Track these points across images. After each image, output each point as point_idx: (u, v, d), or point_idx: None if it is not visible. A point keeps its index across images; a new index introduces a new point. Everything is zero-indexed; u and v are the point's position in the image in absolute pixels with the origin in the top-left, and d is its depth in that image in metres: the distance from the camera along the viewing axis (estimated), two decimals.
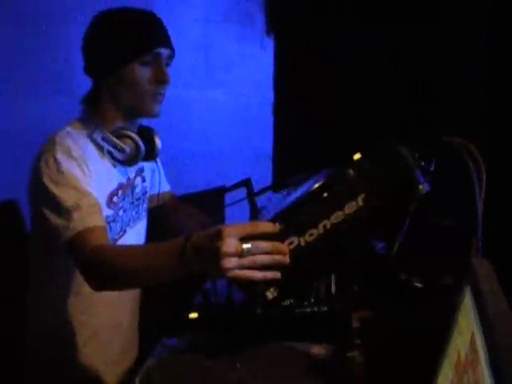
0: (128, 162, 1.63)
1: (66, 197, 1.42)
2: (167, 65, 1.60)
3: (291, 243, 1.19)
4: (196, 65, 3.17)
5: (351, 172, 1.21)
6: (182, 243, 1.15)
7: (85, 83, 1.65)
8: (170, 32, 1.62)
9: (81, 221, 1.40)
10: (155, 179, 1.89)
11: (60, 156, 1.47)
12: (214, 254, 1.08)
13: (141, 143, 1.60)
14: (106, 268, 1.32)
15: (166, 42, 1.60)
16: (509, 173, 2.32)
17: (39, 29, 2.59)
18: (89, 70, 1.62)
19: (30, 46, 2.57)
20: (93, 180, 1.51)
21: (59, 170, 1.45)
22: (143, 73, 1.56)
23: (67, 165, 1.46)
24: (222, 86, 3.40)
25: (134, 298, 1.83)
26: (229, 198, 2.76)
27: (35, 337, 1.70)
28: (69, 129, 1.57)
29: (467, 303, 0.84)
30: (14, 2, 2.50)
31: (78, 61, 1.63)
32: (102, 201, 1.56)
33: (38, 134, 1.56)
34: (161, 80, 1.57)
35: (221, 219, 2.50)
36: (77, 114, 1.65)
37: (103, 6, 1.59)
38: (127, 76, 1.55)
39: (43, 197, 1.46)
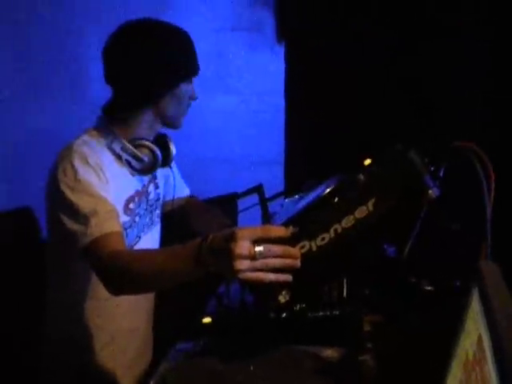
0: (145, 170, 1.66)
1: (83, 203, 1.45)
2: None
3: (303, 247, 1.21)
4: (207, 73, 3.19)
5: (361, 177, 1.23)
6: (199, 244, 1.18)
7: (100, 92, 1.67)
8: None
9: (98, 227, 1.42)
10: (169, 185, 1.91)
11: (77, 163, 1.49)
12: (227, 255, 1.10)
13: (158, 152, 1.64)
14: (123, 272, 1.34)
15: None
16: None
17: (58, 40, 2.63)
18: (133, 86, 1.60)
19: (50, 57, 2.61)
20: (110, 187, 1.53)
21: (76, 177, 1.47)
22: (188, 90, 1.65)
23: (84, 172, 1.49)
24: (234, 93, 3.42)
25: (150, 302, 1.85)
26: (241, 204, 2.79)
27: (52, 343, 1.72)
28: (86, 137, 1.60)
29: (475, 305, 0.85)
30: (33, 14, 2.54)
31: (95, 71, 1.65)
32: (119, 207, 1.58)
33: (54, 142, 1.58)
34: (195, 97, 1.69)
35: (233, 226, 2.51)
36: (91, 121, 1.67)
37: (118, 18, 1.61)
38: (180, 93, 1.63)
39: (60, 203, 1.48)
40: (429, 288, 1.45)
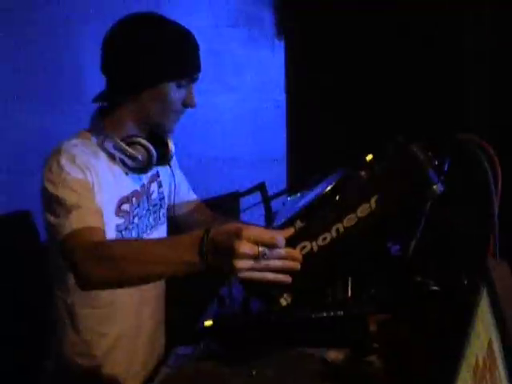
0: (140, 169, 1.62)
1: (66, 197, 1.42)
2: None
3: (304, 248, 1.18)
4: (207, 70, 3.16)
5: (363, 174, 1.20)
6: (201, 235, 1.14)
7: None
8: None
9: (79, 219, 1.38)
10: (172, 184, 1.87)
11: (64, 162, 1.47)
12: (230, 251, 1.08)
13: (152, 149, 1.59)
14: (107, 257, 1.27)
15: (200, 66, 1.62)
16: None
17: (57, 40, 2.61)
18: (121, 77, 1.57)
19: (49, 57, 2.59)
20: (99, 188, 1.50)
21: (61, 174, 1.45)
22: (178, 94, 1.57)
23: (70, 170, 1.46)
24: (233, 90, 3.40)
25: (157, 305, 1.81)
26: (244, 202, 2.76)
27: (55, 348, 1.69)
28: (75, 140, 1.56)
29: (483, 305, 0.82)
30: (33, 14, 2.52)
31: (95, 71, 1.61)
32: (111, 209, 1.56)
33: (54, 143, 1.56)
34: (192, 105, 1.61)
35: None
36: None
37: (118, 16, 1.57)
38: (166, 93, 1.55)
39: (44, 200, 1.47)
40: (435, 287, 1.41)
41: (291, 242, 1.16)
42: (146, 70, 1.53)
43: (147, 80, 1.54)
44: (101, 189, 1.51)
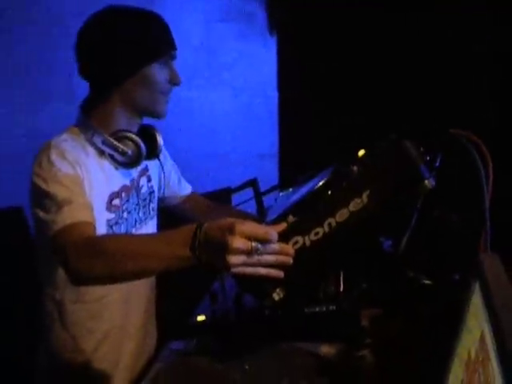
0: (130, 163, 1.61)
1: (57, 192, 1.40)
2: None
3: (296, 243, 1.18)
4: (198, 65, 3.17)
5: (355, 169, 1.20)
6: (194, 230, 1.14)
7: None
8: (172, 33, 1.63)
9: (70, 214, 1.37)
10: (161, 177, 1.87)
11: (54, 157, 1.46)
12: (223, 247, 1.08)
13: (142, 144, 1.59)
14: (99, 252, 1.26)
15: (175, 44, 1.61)
16: None
17: (51, 41, 2.60)
18: (101, 72, 1.56)
19: (43, 57, 2.57)
20: (89, 183, 1.49)
21: (52, 170, 1.43)
22: (162, 73, 1.57)
23: (61, 165, 1.45)
24: (226, 85, 3.39)
25: (147, 299, 1.80)
26: (236, 198, 2.76)
27: (45, 343, 1.68)
28: (65, 135, 1.56)
29: (476, 299, 0.82)
30: (26, 15, 2.50)
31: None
32: (102, 204, 1.55)
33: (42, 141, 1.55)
34: (177, 82, 1.60)
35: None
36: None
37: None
38: (148, 76, 1.55)
39: (34, 196, 1.45)
40: (427, 282, 1.42)
41: (284, 237, 1.15)
42: (123, 59, 1.53)
43: (127, 68, 1.54)
44: (91, 184, 1.51)
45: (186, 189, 2.00)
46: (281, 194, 1.70)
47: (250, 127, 3.45)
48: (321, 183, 1.22)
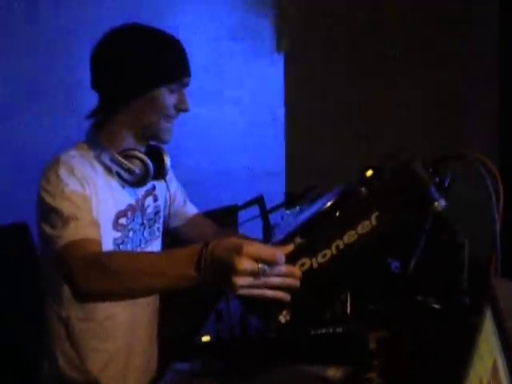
0: (137, 182, 1.61)
1: (64, 208, 1.41)
2: None
3: (303, 265, 1.16)
4: (206, 83, 3.17)
5: (363, 190, 1.18)
6: (199, 250, 1.13)
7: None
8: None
9: (77, 230, 1.37)
10: (167, 197, 1.86)
11: (62, 173, 1.46)
12: (229, 267, 1.06)
13: (149, 163, 1.59)
14: (104, 268, 1.26)
15: (190, 71, 1.62)
16: None
17: (52, 52, 2.60)
18: (109, 88, 1.57)
19: (45, 69, 2.58)
20: (96, 201, 1.50)
21: (59, 185, 1.44)
22: (170, 98, 1.57)
23: (68, 181, 1.45)
24: (233, 103, 3.39)
25: (150, 322, 1.78)
26: (242, 215, 2.74)
27: (50, 362, 1.67)
28: (74, 152, 1.56)
29: (488, 326, 0.80)
30: (27, 26, 2.51)
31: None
32: (108, 223, 1.55)
33: (50, 156, 1.55)
34: (184, 109, 1.60)
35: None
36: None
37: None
38: (156, 99, 1.55)
39: (41, 211, 1.46)
40: (436, 305, 1.40)
41: (291, 259, 1.14)
42: (136, 79, 1.54)
43: (138, 89, 1.55)
44: (98, 201, 1.51)
45: (192, 210, 1.99)
46: (287, 212, 1.69)
47: (256, 144, 3.44)
48: (329, 204, 1.21)
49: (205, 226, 1.99)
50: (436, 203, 1.12)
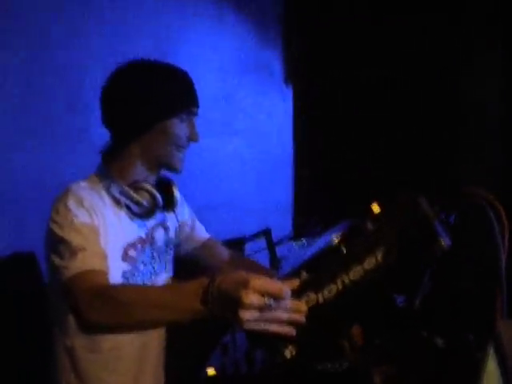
0: (145, 215, 1.63)
1: (72, 239, 1.43)
2: None
3: (309, 300, 1.17)
4: (215, 115, 3.20)
5: (370, 225, 1.19)
6: (206, 283, 1.14)
7: (103, 135, 1.66)
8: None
9: (84, 261, 1.40)
10: (176, 228, 1.87)
11: (71, 204, 1.49)
12: (236, 301, 1.07)
13: (158, 196, 1.61)
14: (111, 300, 1.28)
15: (197, 100, 1.66)
16: None
17: (57, 81, 2.63)
18: (121, 123, 1.62)
19: (47, 97, 2.60)
20: (105, 232, 1.51)
21: (68, 216, 1.47)
22: (180, 128, 1.61)
23: (77, 212, 1.48)
24: (241, 135, 3.42)
25: (157, 355, 1.78)
26: (249, 247, 2.75)
27: None
28: (83, 182, 1.59)
29: (491, 366, 0.80)
30: (32, 55, 2.54)
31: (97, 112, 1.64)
32: (117, 254, 1.56)
33: (58, 187, 1.57)
34: (195, 138, 1.65)
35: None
36: (95, 165, 1.66)
37: (121, 58, 1.63)
38: (167, 130, 1.60)
39: (50, 241, 1.48)
40: (441, 342, 1.39)
41: (297, 293, 1.15)
42: (145, 113, 1.58)
43: (148, 122, 1.59)
44: (107, 233, 1.52)
45: (203, 235, 2.00)
46: (294, 244, 1.70)
47: (265, 177, 3.46)
48: (335, 239, 1.22)
49: (217, 250, 2.00)
50: (441, 241, 1.13)
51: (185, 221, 1.92)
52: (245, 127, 3.43)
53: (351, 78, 3.29)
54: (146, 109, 1.57)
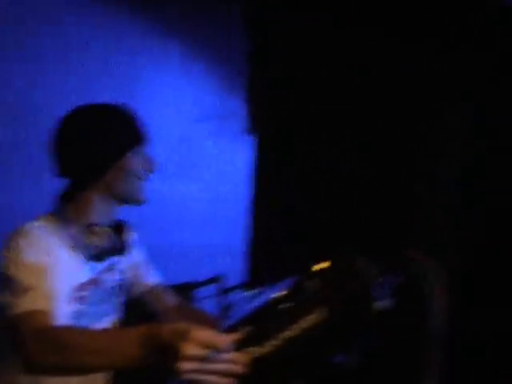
0: (98, 257, 1.64)
1: (22, 277, 1.43)
2: None
3: (251, 352, 1.19)
4: (174, 159, 3.22)
5: (311, 284, 1.22)
6: (147, 331, 1.16)
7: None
8: (151, 127, 1.72)
9: (33, 301, 1.39)
10: (128, 271, 1.88)
11: (23, 243, 1.49)
12: (175, 352, 1.09)
13: (112, 240, 1.63)
14: (56, 343, 1.28)
15: (145, 132, 1.70)
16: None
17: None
18: (77, 169, 1.63)
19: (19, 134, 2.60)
20: (56, 272, 1.51)
21: (19, 255, 1.46)
22: (138, 161, 1.65)
23: (29, 252, 1.48)
24: (199, 180, 3.44)
25: None
26: (201, 292, 2.75)
27: None
28: (39, 222, 1.59)
29: None
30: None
31: None
32: (68, 295, 1.56)
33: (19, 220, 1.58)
34: (151, 168, 1.69)
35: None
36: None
37: (85, 97, 1.66)
38: (124, 166, 1.63)
39: (1, 280, 1.47)
40: None
41: (239, 346, 1.16)
42: (102, 154, 1.61)
43: (106, 162, 1.62)
44: (58, 274, 1.52)
45: (153, 280, 2.00)
46: (245, 293, 1.71)
47: (220, 223, 3.47)
48: (278, 295, 1.25)
49: (164, 297, 2.00)
50: (377, 303, 1.16)
51: (137, 263, 1.93)
52: (203, 172, 3.46)
53: (315, 126, 3.33)
54: (100, 151, 1.60)
